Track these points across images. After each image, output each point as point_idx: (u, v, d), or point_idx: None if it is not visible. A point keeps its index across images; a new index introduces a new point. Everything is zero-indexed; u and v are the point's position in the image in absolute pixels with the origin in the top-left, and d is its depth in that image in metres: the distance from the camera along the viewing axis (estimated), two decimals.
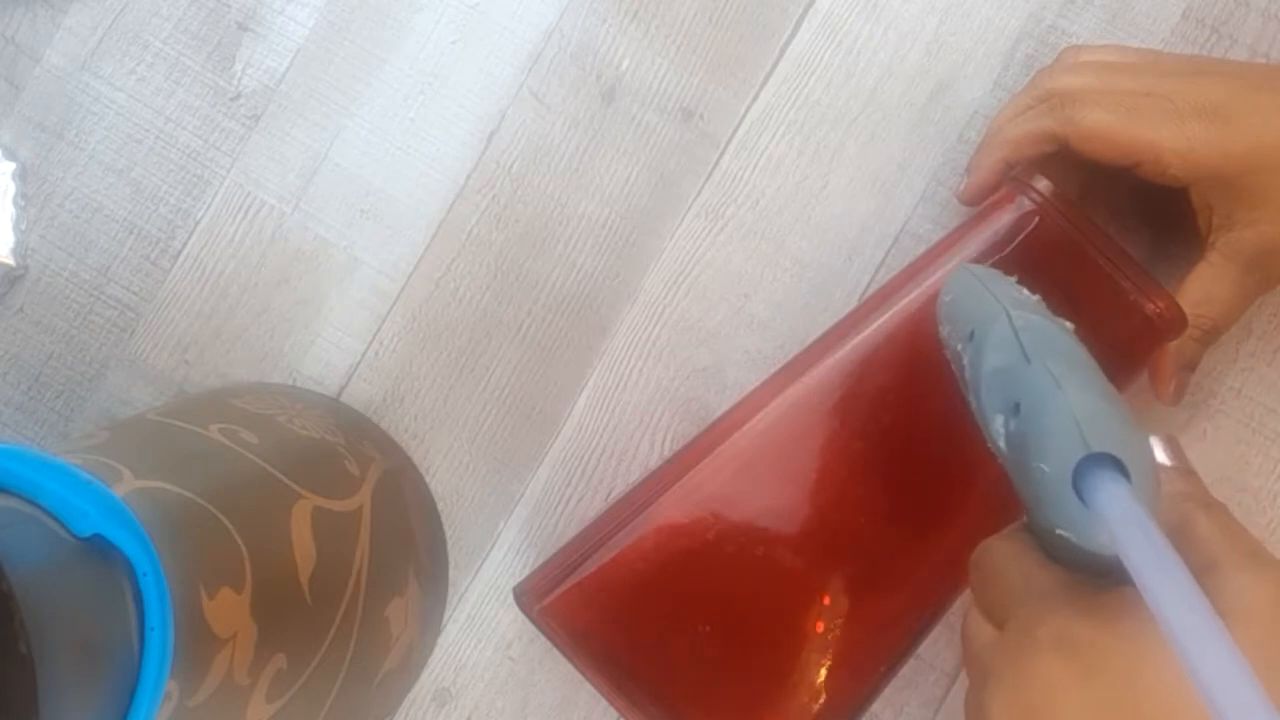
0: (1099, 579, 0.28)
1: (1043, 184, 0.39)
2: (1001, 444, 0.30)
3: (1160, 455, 0.34)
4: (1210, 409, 0.43)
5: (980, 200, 0.41)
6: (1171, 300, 0.38)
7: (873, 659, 0.38)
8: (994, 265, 0.38)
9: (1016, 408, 0.29)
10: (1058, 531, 0.27)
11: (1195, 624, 0.22)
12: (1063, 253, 0.38)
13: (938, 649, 0.43)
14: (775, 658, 0.37)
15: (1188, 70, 0.39)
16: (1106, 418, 0.27)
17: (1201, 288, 0.39)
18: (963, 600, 0.39)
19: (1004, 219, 0.39)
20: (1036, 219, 0.38)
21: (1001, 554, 0.31)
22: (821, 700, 0.37)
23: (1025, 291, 0.34)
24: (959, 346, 0.34)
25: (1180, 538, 0.28)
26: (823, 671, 0.37)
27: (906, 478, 0.38)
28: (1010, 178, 0.40)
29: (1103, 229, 0.38)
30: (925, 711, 0.44)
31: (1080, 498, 0.26)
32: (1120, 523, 0.25)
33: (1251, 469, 0.43)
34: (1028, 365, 0.29)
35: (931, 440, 0.38)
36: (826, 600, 0.37)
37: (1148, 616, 0.23)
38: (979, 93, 0.45)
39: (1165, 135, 0.37)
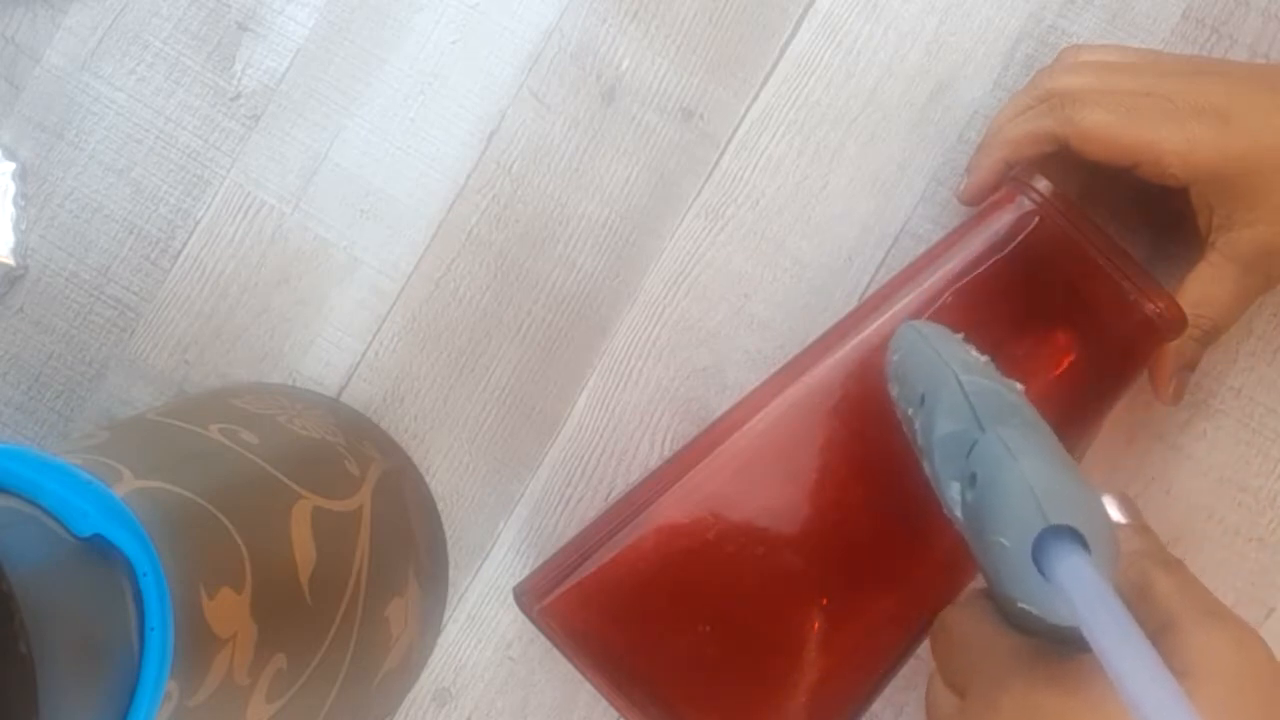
0: (1060, 645, 0.28)
1: (1043, 184, 0.39)
2: (958, 513, 0.30)
3: (1115, 514, 0.34)
4: (1210, 409, 0.43)
5: (980, 200, 0.41)
6: (1171, 300, 0.38)
7: (873, 659, 0.38)
8: (995, 263, 0.38)
9: (973, 478, 0.29)
10: (1019, 605, 0.27)
11: (1161, 700, 0.22)
12: (1063, 253, 0.38)
13: None
14: (775, 658, 0.37)
15: (1188, 70, 0.39)
16: (1064, 488, 0.27)
17: (1201, 288, 0.39)
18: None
19: (1004, 219, 0.39)
20: (1036, 219, 0.38)
21: (960, 622, 0.30)
22: (821, 700, 0.37)
23: (973, 351, 0.33)
24: (910, 411, 0.33)
25: (1138, 596, 0.29)
26: (822, 672, 0.37)
27: (906, 478, 0.38)
28: (1010, 178, 0.40)
29: (1103, 229, 0.38)
30: (925, 712, 0.44)
31: (1040, 571, 0.26)
32: (1082, 598, 0.25)
33: (1251, 469, 0.43)
34: (982, 433, 0.29)
35: None
36: (826, 600, 0.37)
37: (1111, 684, 0.23)
38: (979, 93, 0.45)
39: (1165, 135, 0.37)
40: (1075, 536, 0.26)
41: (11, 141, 0.48)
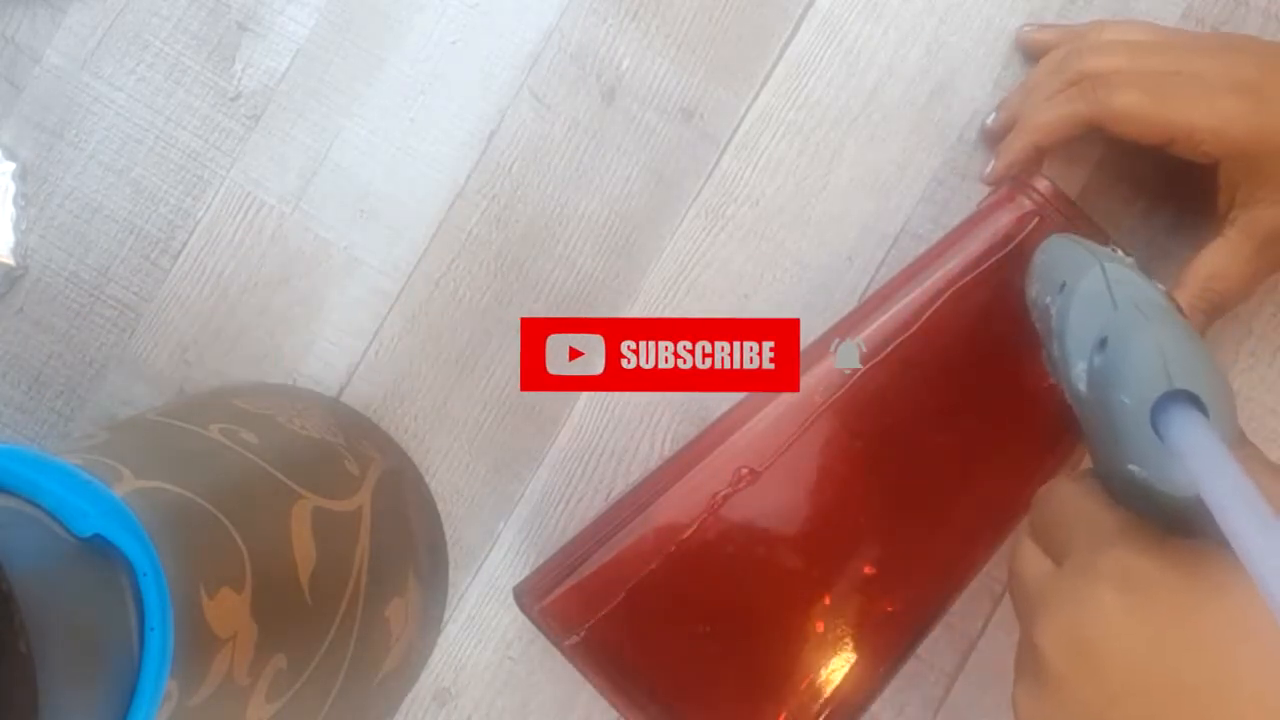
0: (1164, 525, 0.28)
1: (1043, 184, 0.39)
2: (1082, 386, 0.30)
3: None
4: None
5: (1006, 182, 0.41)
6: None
7: (873, 659, 0.38)
8: (995, 263, 0.38)
9: (1103, 343, 0.29)
10: (1129, 466, 0.27)
11: (1276, 551, 0.22)
12: None
13: (938, 649, 0.43)
14: (775, 658, 0.37)
15: (1216, 46, 0.39)
16: (1191, 355, 0.27)
17: (1215, 261, 0.39)
18: (963, 600, 0.39)
19: (1004, 219, 0.39)
20: (1036, 219, 0.38)
21: (1069, 493, 0.31)
22: (821, 700, 0.37)
23: (1121, 253, 0.34)
24: (1047, 300, 0.34)
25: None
26: (823, 671, 0.37)
27: (906, 477, 0.38)
28: (1010, 178, 0.40)
29: (1102, 228, 0.38)
30: (925, 711, 0.44)
31: (1157, 433, 0.27)
32: (1198, 454, 0.25)
33: None
34: (1115, 311, 0.30)
35: (932, 440, 0.38)
36: (827, 600, 0.37)
37: (1211, 558, 0.23)
38: (979, 93, 0.45)
39: (1198, 113, 0.37)
40: (1195, 402, 0.26)
41: (11, 141, 0.48)
